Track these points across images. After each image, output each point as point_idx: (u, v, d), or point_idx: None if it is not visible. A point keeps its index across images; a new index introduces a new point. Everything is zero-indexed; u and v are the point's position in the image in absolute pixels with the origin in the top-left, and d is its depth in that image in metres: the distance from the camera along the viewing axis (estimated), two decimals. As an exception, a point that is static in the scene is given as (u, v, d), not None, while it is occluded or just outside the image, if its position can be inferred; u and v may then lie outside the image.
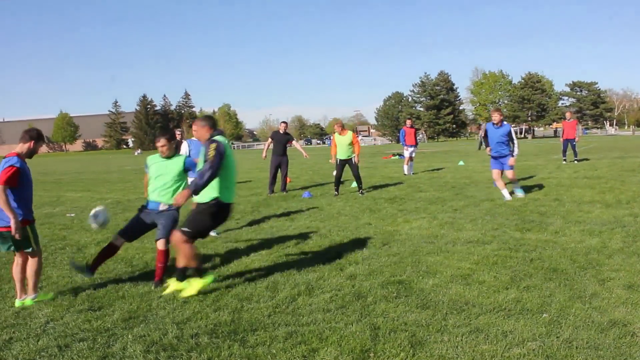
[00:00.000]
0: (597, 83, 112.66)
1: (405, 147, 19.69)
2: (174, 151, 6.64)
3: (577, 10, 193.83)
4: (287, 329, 4.75)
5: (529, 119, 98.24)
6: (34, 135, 5.76)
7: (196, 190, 5.59)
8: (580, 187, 13.54)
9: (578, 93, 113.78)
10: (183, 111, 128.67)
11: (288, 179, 16.56)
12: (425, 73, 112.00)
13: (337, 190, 14.45)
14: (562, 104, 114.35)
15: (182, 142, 10.79)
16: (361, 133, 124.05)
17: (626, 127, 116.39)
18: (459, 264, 6.63)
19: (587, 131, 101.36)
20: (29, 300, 5.80)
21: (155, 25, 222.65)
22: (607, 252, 6.93)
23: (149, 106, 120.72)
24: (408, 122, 20.43)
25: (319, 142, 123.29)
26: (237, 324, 4.91)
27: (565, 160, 22.27)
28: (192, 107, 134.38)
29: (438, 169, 22.18)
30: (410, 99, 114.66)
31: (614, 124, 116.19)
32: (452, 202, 11.98)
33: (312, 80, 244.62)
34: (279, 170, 15.53)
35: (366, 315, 5.01)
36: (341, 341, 4.43)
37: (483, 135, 12.76)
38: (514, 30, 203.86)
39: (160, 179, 6.46)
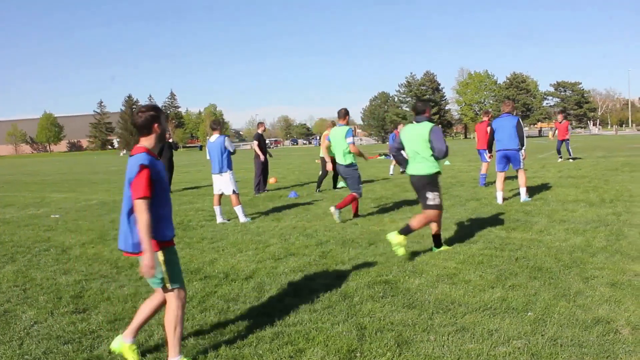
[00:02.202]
0: (580, 83, 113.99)
1: None
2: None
3: (561, 11, 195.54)
4: (273, 329, 4.74)
5: (518, 112, 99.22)
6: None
7: None
8: (564, 187, 13.65)
9: (562, 93, 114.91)
10: (169, 111, 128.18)
11: (274, 180, 16.63)
12: (411, 73, 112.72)
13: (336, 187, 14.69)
14: (547, 103, 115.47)
15: (172, 142, 10.81)
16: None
17: (609, 127, 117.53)
18: (445, 264, 6.65)
19: (572, 131, 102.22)
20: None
21: (141, 25, 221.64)
22: (591, 250, 6.98)
23: (134, 106, 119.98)
24: (400, 126, 20.66)
25: (305, 142, 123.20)
26: (223, 325, 4.89)
27: (561, 158, 23.26)
28: (178, 107, 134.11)
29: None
30: (396, 99, 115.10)
31: (598, 123, 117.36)
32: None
33: (298, 81, 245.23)
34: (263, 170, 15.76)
35: (352, 315, 5.01)
36: (327, 341, 4.43)
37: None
38: (500, 30, 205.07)
39: None
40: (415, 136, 7.26)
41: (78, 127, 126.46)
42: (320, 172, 15.73)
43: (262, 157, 16.02)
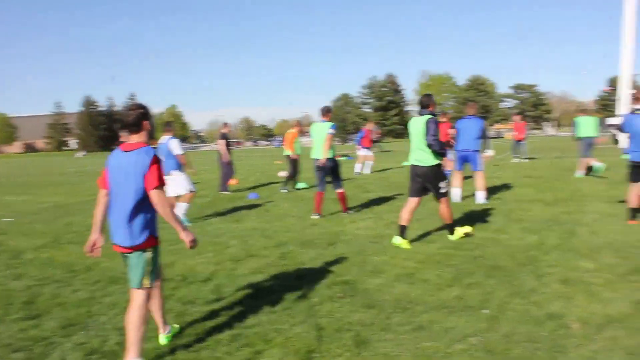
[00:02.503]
0: (537, 85, 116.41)
1: (362, 148, 20.99)
2: None
3: (518, 15, 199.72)
4: (231, 331, 4.72)
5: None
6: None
7: None
8: (521, 186, 13.93)
9: (520, 95, 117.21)
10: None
11: (235, 181, 16.57)
12: (373, 75, 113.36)
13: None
14: (505, 105, 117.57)
15: None
16: (308, 134, 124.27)
17: (564, 128, 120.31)
18: (403, 263, 6.71)
19: (528, 132, 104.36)
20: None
21: (98, 24, 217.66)
22: (544, 248, 7.15)
23: (92, 107, 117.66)
24: (370, 124, 22.38)
25: (266, 143, 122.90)
26: (181, 328, 4.83)
27: (517, 158, 23.85)
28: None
29: (384, 170, 22.41)
30: (358, 101, 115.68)
31: (558, 124, 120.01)
32: (398, 202, 12.12)
33: (260, 82, 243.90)
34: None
35: (311, 316, 5.01)
36: (286, 342, 4.43)
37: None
38: (460, 33, 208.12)
39: None
40: (417, 129, 7.76)
41: (33, 127, 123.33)
42: (289, 171, 15.77)
43: (225, 158, 16.01)
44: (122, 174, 4.05)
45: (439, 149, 7.53)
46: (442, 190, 7.81)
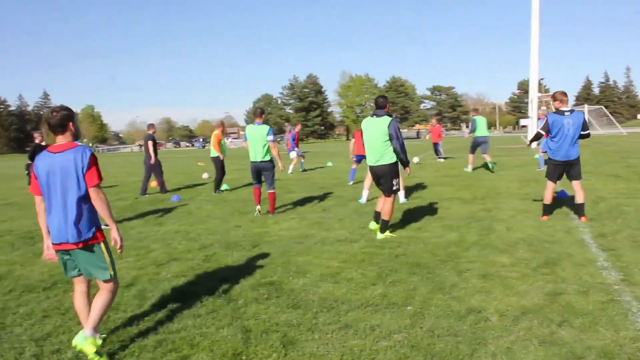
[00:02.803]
0: (454, 88, 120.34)
1: (295, 149, 22.15)
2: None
3: (436, 18, 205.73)
4: (156, 337, 4.61)
5: (397, 116, 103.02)
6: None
7: None
8: (440, 185, 14.35)
9: (438, 97, 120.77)
10: (42, 112, 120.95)
11: (156, 183, 16.25)
12: (294, 75, 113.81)
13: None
14: (424, 106, 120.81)
15: (45, 145, 10.20)
16: (231, 135, 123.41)
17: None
18: (328, 263, 6.77)
19: (447, 133, 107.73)
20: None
21: (9, 19, 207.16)
22: (464, 245, 7.39)
23: (2, 106, 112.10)
24: (298, 127, 23.49)
25: (188, 144, 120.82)
26: (103, 336, 4.66)
27: (439, 158, 25.07)
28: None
29: (307, 170, 22.55)
30: (279, 101, 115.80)
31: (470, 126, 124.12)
32: (320, 202, 12.23)
33: (180, 82, 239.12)
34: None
35: (237, 319, 4.97)
36: (212, 346, 4.37)
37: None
38: (380, 34, 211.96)
39: None
40: (375, 129, 7.97)
41: None
42: (216, 173, 15.56)
43: (153, 159, 15.74)
44: (60, 174, 4.11)
45: (403, 151, 7.88)
46: (394, 187, 8.10)
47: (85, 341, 4.17)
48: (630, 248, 6.80)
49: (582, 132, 8.61)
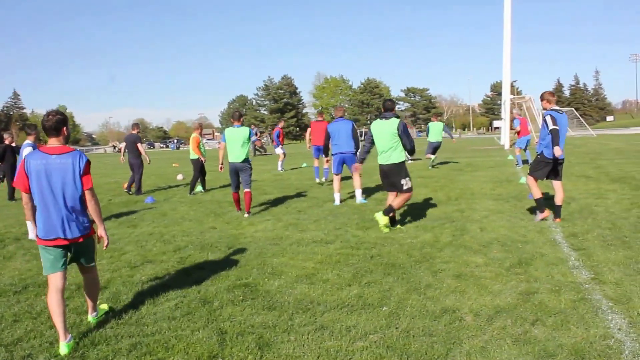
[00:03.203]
0: (428, 89, 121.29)
1: (280, 146, 23.35)
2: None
3: (411, 21, 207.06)
4: (130, 340, 4.57)
5: (369, 122, 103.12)
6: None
7: None
8: (415, 186, 14.40)
9: (412, 98, 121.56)
10: (12, 112, 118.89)
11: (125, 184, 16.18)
12: (269, 77, 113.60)
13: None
14: (398, 108, 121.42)
15: (15, 147, 10.01)
16: (206, 136, 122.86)
17: (454, 131, 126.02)
18: (303, 264, 6.77)
19: (421, 134, 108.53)
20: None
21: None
22: (438, 245, 7.45)
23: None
24: (281, 123, 24.02)
25: (162, 145, 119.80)
26: (75, 340, 4.61)
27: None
28: (23, 108, 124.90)
29: (285, 170, 22.51)
30: (254, 102, 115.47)
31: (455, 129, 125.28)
32: (296, 203, 12.22)
33: (154, 83, 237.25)
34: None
35: (213, 321, 4.95)
36: (188, 349, 4.34)
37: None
38: (355, 36, 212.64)
39: None
40: (385, 131, 8.61)
41: None
42: (194, 174, 15.48)
43: (148, 160, 16.47)
44: (58, 176, 4.51)
45: (412, 148, 8.58)
46: (404, 187, 8.70)
47: (95, 319, 5.05)
48: (600, 247, 6.93)
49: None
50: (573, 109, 66.59)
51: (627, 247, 6.87)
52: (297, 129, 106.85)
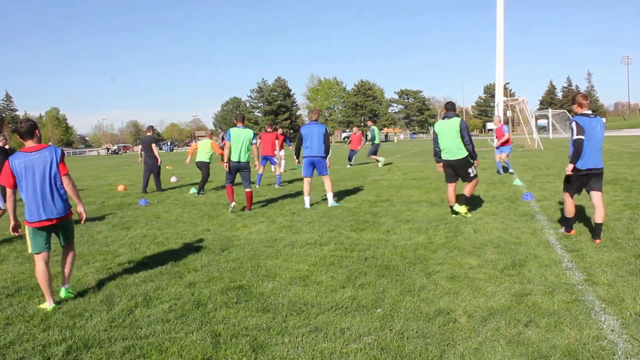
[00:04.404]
0: (422, 91, 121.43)
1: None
2: None
3: (405, 23, 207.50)
4: (124, 343, 4.55)
5: (362, 124, 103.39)
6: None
7: None
8: (409, 188, 14.47)
9: (406, 100, 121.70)
10: (4, 115, 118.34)
11: (123, 187, 16.14)
12: (263, 79, 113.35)
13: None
14: (392, 110, 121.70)
15: (8, 149, 9.99)
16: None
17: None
18: (297, 266, 6.77)
19: (415, 136, 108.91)
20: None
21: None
22: (432, 247, 7.46)
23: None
24: (280, 129, 24.03)
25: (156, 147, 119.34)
26: (69, 343, 4.59)
27: (350, 164, 26.52)
28: (15, 110, 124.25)
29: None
30: (248, 105, 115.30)
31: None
32: (290, 205, 12.22)
33: (147, 84, 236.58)
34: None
35: (207, 323, 4.94)
36: (182, 351, 4.33)
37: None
38: (349, 38, 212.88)
39: None
40: (449, 129, 9.60)
41: None
42: (203, 176, 16.23)
43: (159, 160, 16.99)
44: (40, 166, 5.52)
45: (472, 145, 9.54)
46: (471, 175, 9.75)
47: (67, 292, 5.89)
48: (593, 249, 6.95)
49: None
50: (566, 111, 66.83)
51: (620, 249, 6.90)
52: (291, 131, 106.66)
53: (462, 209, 9.67)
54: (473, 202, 11.32)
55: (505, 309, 4.96)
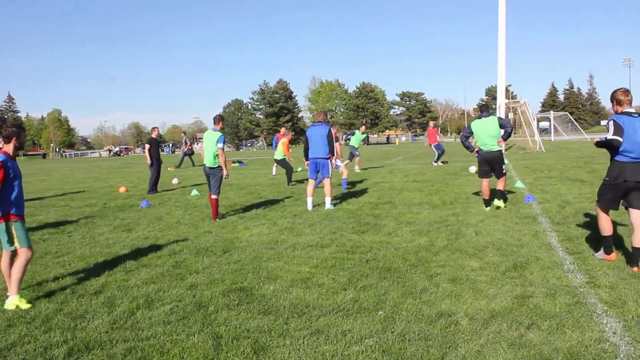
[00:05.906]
0: (423, 94, 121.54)
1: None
2: None
3: (407, 26, 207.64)
4: (126, 345, 4.55)
5: (364, 124, 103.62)
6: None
7: None
8: (410, 190, 14.46)
9: (407, 102, 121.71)
10: (6, 116, 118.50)
11: (124, 189, 16.16)
12: (265, 81, 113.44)
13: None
14: (394, 112, 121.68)
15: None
16: (201, 140, 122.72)
17: (449, 135, 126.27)
18: (299, 268, 6.77)
19: (416, 138, 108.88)
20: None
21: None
22: (434, 249, 7.46)
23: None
24: (282, 129, 23.42)
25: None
26: (70, 345, 4.60)
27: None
28: (17, 112, 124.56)
29: (277, 176, 22.49)
30: (249, 107, 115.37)
31: (439, 131, 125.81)
32: (291, 207, 12.22)
33: (149, 86, 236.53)
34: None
35: (208, 325, 4.94)
36: (183, 353, 4.33)
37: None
38: (351, 40, 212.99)
39: None
40: (488, 126, 10.59)
41: None
42: (288, 169, 17.49)
43: (148, 161, 17.11)
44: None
45: (509, 135, 10.62)
46: (504, 171, 10.79)
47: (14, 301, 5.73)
48: (595, 251, 6.94)
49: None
50: (567, 113, 66.84)
51: (622, 251, 6.89)
52: (293, 133, 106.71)
53: (501, 203, 10.71)
54: (475, 204, 11.32)
55: (507, 312, 4.95)
